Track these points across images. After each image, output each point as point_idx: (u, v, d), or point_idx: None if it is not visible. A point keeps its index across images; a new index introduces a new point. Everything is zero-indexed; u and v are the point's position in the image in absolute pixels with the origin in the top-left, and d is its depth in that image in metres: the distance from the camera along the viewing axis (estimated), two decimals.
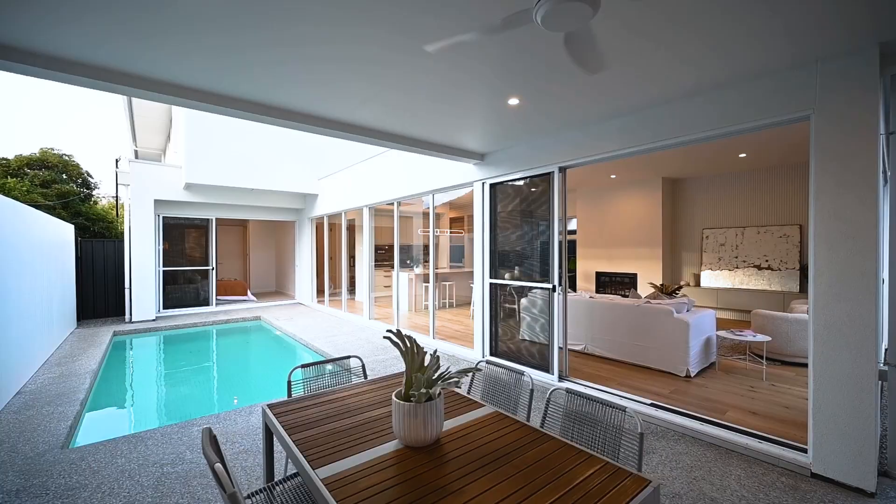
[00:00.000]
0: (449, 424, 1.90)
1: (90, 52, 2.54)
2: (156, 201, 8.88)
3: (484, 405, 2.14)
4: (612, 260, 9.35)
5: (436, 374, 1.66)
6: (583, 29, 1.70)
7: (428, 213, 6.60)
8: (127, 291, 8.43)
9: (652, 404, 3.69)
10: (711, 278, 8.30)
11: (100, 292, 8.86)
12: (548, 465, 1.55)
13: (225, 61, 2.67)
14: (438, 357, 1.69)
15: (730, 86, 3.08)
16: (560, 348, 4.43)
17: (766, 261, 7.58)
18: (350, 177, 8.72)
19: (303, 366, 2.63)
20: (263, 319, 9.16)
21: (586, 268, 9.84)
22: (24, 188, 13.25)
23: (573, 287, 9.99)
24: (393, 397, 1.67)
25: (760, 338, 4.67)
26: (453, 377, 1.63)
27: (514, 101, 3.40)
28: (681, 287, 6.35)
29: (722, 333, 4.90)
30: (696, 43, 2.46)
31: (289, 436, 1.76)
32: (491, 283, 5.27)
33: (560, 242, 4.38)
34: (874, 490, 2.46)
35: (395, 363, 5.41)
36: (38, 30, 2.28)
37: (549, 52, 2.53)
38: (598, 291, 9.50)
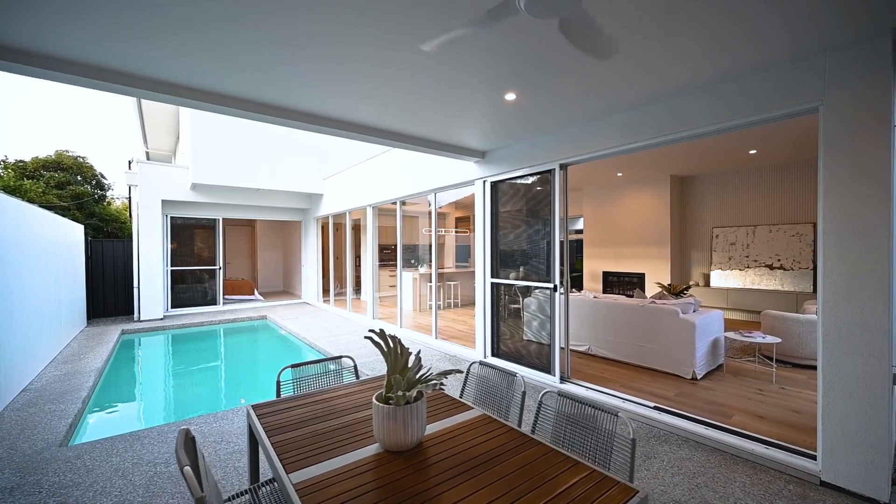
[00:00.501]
0: (434, 427, 1.84)
1: (90, 52, 2.53)
2: (163, 202, 8.99)
3: (472, 408, 2.08)
4: (619, 259, 9.18)
5: (417, 376, 1.61)
6: (577, 14, 1.64)
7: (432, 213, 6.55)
8: (135, 291, 8.55)
9: (655, 407, 3.59)
10: (721, 278, 8.10)
11: (109, 291, 9.00)
12: (531, 471, 1.49)
13: (225, 61, 2.66)
14: (420, 358, 1.64)
15: (732, 79, 2.96)
16: (562, 349, 4.34)
17: (778, 260, 7.36)
18: (353, 176, 8.72)
19: (293, 366, 2.59)
20: (269, 319, 9.21)
21: (593, 267, 9.69)
22: (40, 189, 13.57)
23: (580, 287, 9.84)
24: (373, 399, 1.62)
25: (770, 339, 4.51)
26: (433, 379, 1.57)
27: (510, 97, 3.33)
28: (689, 287, 6.18)
29: (730, 335, 4.75)
30: (692, 36, 2.37)
31: (268, 438, 1.72)
32: (492, 283, 5.20)
33: (561, 241, 4.29)
34: (888, 500, 2.34)
35: None
36: (38, 30, 2.28)
37: (543, 45, 2.46)
38: (605, 291, 9.34)
